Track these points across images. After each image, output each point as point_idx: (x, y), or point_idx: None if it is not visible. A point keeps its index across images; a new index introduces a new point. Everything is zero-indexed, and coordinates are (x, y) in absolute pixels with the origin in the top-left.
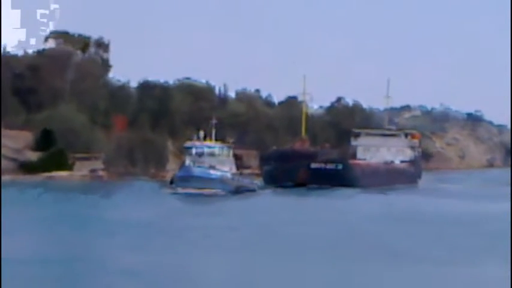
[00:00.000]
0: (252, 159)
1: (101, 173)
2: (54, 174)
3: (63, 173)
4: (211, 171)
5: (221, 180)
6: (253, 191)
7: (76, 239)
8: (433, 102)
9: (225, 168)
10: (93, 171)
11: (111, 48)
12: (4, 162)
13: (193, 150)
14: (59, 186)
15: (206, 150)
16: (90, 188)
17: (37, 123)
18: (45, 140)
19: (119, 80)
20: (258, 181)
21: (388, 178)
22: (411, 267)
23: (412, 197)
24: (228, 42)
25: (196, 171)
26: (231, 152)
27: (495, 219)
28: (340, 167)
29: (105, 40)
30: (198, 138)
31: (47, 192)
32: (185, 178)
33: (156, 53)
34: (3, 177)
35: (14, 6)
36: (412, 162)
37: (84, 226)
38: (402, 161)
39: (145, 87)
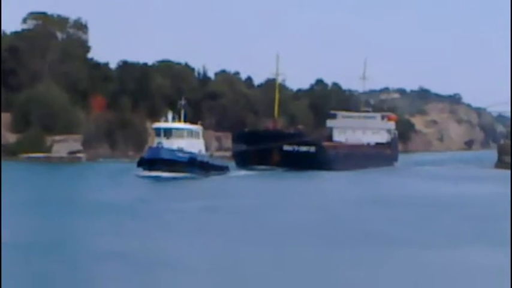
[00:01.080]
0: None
1: (79, 154)
2: (32, 156)
3: (41, 155)
4: (179, 154)
5: (189, 163)
6: (223, 173)
7: (51, 222)
8: (412, 85)
9: (194, 150)
10: (71, 153)
11: (90, 29)
12: None
13: (161, 132)
14: (36, 169)
15: (174, 131)
16: (66, 170)
17: (16, 105)
18: (23, 122)
19: (98, 62)
20: (230, 163)
21: (363, 160)
22: (395, 250)
23: (389, 180)
24: (208, 24)
25: (164, 153)
26: (201, 134)
27: (479, 202)
28: (313, 149)
29: (84, 21)
30: (166, 120)
31: (23, 174)
32: (152, 161)
33: (135, 34)
34: None
35: None
36: (388, 144)
37: (59, 209)
38: (378, 143)
39: (125, 68)
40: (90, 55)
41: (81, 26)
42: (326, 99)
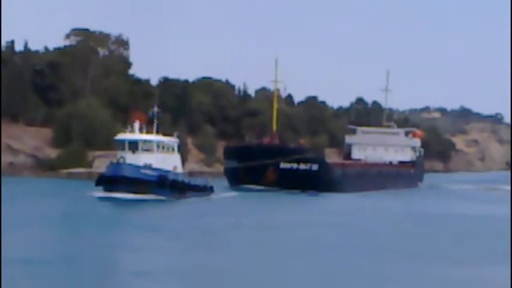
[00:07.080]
0: None
1: None
2: (72, 172)
3: (81, 170)
4: (147, 171)
5: (159, 183)
6: (205, 195)
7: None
8: (453, 104)
9: (167, 167)
10: None
11: (131, 46)
12: (23, 159)
13: (126, 145)
14: (75, 184)
15: (141, 144)
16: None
17: (57, 120)
18: (64, 137)
19: (139, 78)
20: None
21: (380, 181)
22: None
23: (402, 201)
24: (250, 42)
25: (127, 170)
26: (176, 147)
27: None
28: (315, 167)
29: (125, 37)
30: (132, 130)
31: (61, 190)
32: (113, 179)
33: (176, 52)
34: (21, 174)
35: (35, 3)
36: (412, 163)
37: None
38: (401, 162)
39: (166, 84)
40: (131, 71)
41: (122, 43)
42: (366, 117)
